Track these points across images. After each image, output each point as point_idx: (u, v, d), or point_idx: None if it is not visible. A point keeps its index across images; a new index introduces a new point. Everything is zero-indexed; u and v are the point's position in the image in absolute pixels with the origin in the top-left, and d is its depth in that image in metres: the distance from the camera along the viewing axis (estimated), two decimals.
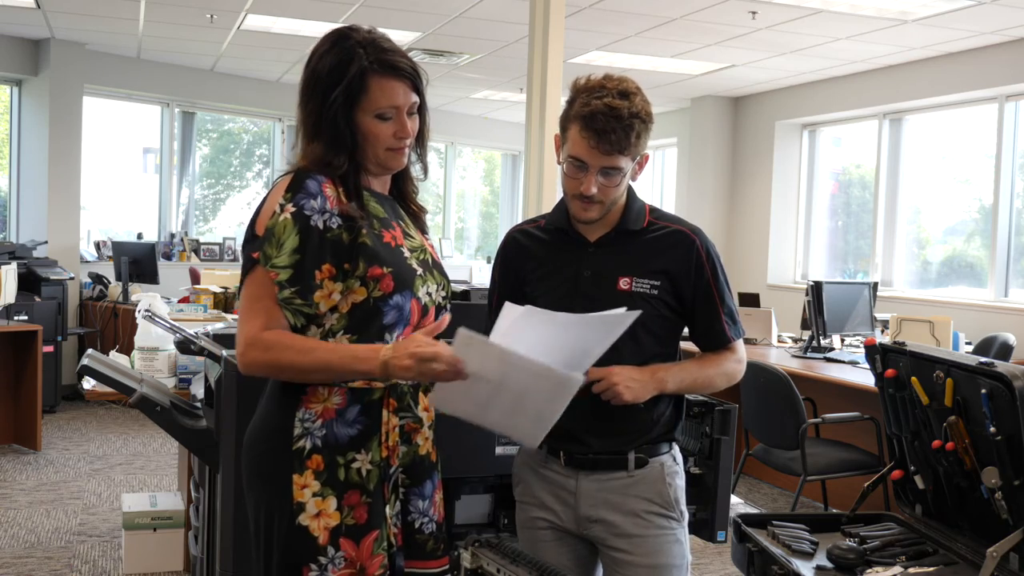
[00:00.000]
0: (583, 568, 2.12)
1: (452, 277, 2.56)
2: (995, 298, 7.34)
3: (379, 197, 1.87)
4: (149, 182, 9.68)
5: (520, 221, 2.32)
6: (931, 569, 1.80)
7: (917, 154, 8.41)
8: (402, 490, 1.85)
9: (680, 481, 2.09)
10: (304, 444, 1.75)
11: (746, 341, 3.22)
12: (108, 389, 3.20)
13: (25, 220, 8.40)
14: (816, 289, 5.70)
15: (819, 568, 1.80)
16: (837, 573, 1.78)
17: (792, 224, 9.50)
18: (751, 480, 5.90)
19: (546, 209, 6.31)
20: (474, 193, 12.86)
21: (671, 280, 2.02)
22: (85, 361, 3.05)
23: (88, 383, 3.65)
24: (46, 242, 7.90)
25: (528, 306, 1.72)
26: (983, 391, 1.69)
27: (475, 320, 2.65)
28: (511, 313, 1.69)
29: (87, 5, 7.02)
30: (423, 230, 1.96)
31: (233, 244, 9.69)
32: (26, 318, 6.62)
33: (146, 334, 3.97)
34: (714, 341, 2.07)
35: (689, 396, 2.26)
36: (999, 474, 1.68)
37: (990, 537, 1.69)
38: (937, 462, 1.88)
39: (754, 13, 6.45)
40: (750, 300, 6.97)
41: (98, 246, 9.00)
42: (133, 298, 7.22)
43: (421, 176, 1.96)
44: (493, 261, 2.30)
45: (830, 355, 5.60)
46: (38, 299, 7.16)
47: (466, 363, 1.64)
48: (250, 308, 1.73)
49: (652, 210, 2.09)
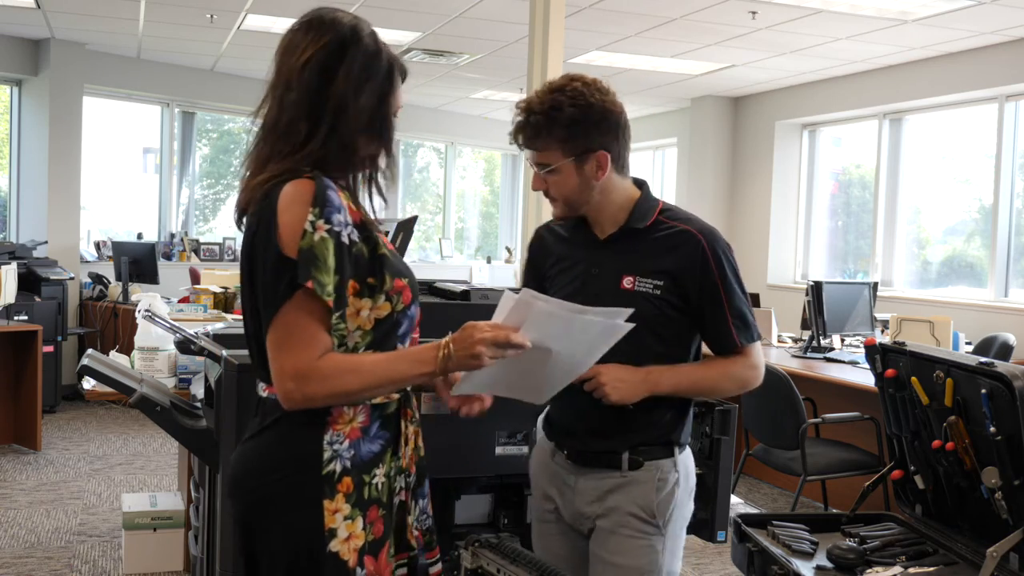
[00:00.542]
0: (583, 563, 2.12)
1: (452, 277, 2.57)
2: (995, 298, 7.34)
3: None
4: (149, 182, 9.68)
5: (520, 221, 2.35)
6: (931, 569, 1.80)
7: (917, 154, 8.41)
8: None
9: (678, 491, 2.03)
10: (334, 468, 1.67)
11: None
12: (108, 389, 3.20)
13: (25, 220, 8.41)
14: (816, 289, 5.70)
15: (819, 568, 1.80)
16: (837, 573, 1.78)
17: (792, 224, 9.50)
18: (751, 480, 5.90)
19: (545, 209, 6.31)
20: (474, 193, 12.87)
21: (675, 280, 1.99)
22: (85, 361, 3.04)
23: (88, 383, 3.64)
24: (46, 242, 7.90)
25: (524, 290, 1.70)
26: (983, 391, 1.69)
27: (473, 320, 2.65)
28: (509, 301, 1.69)
29: (87, 5, 7.02)
30: None
31: (233, 244, 9.69)
32: (26, 318, 6.62)
33: (146, 334, 3.97)
34: (722, 345, 2.03)
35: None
36: (999, 474, 1.68)
37: (990, 537, 1.69)
38: (937, 462, 1.88)
39: (754, 13, 6.45)
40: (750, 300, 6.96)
41: (98, 246, 9.00)
42: (133, 298, 7.22)
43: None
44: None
45: (830, 355, 5.60)
46: (38, 299, 7.16)
47: (527, 334, 1.65)
48: (294, 338, 1.59)
49: (665, 209, 2.07)
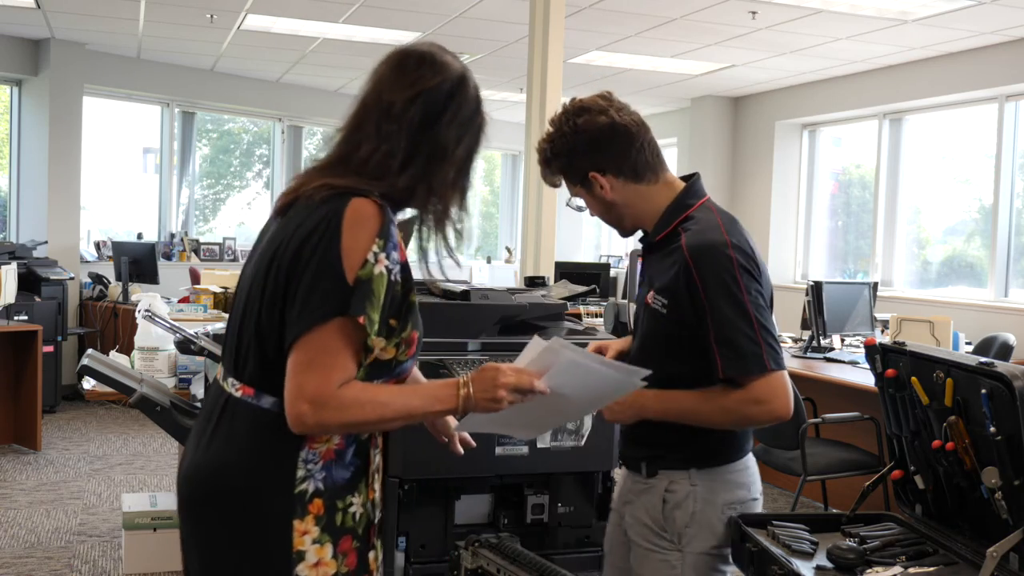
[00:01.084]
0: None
1: (452, 277, 2.57)
2: (995, 298, 7.34)
3: None
4: (149, 182, 9.68)
5: (520, 221, 2.36)
6: (931, 569, 1.80)
7: (917, 154, 8.41)
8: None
9: (696, 507, 1.95)
10: (307, 487, 1.62)
11: None
12: (108, 389, 3.20)
13: (25, 220, 8.41)
14: (816, 289, 5.70)
15: (819, 568, 1.80)
16: (837, 573, 1.78)
17: (792, 224, 9.50)
18: None
19: (545, 209, 6.29)
20: (474, 193, 12.85)
21: (673, 300, 1.92)
22: (85, 361, 3.05)
23: (88, 383, 3.65)
24: (46, 242, 7.90)
25: (555, 338, 1.69)
26: (983, 391, 1.69)
27: (473, 320, 2.65)
28: (537, 346, 1.70)
29: (87, 5, 7.02)
30: None
31: (233, 244, 9.69)
32: (26, 318, 6.62)
33: (146, 334, 3.98)
34: (713, 374, 1.86)
35: None
36: (999, 474, 1.68)
37: (990, 537, 1.69)
38: (937, 462, 1.88)
39: (754, 13, 6.45)
40: None
41: (98, 246, 9.00)
42: (133, 298, 7.22)
43: None
44: None
45: (830, 355, 5.60)
46: (38, 299, 7.16)
47: (548, 380, 1.67)
48: (324, 362, 1.54)
49: (689, 218, 1.96)
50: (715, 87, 9.37)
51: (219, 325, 4.01)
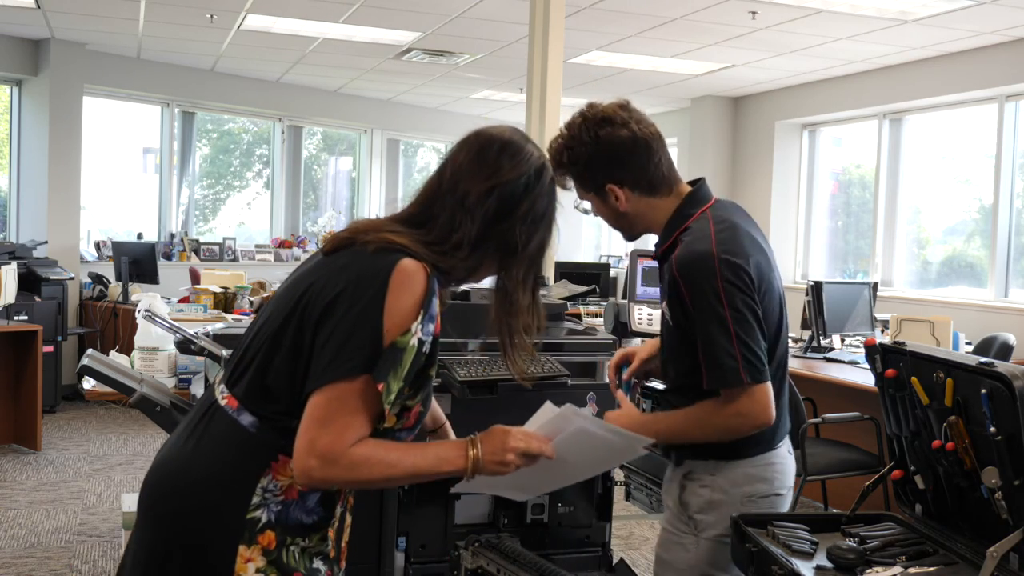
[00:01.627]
0: None
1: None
2: (995, 298, 7.34)
3: None
4: (149, 182, 9.68)
5: None
6: (931, 569, 1.80)
7: (917, 154, 8.41)
8: None
9: (714, 497, 2.00)
10: (260, 515, 1.58)
11: None
12: (108, 389, 3.20)
13: (25, 220, 8.41)
14: (816, 289, 5.70)
15: (819, 568, 1.80)
16: (837, 573, 1.77)
17: (792, 224, 9.50)
18: None
19: None
20: None
21: (672, 311, 1.97)
22: (85, 361, 3.05)
23: (88, 383, 3.65)
24: (46, 242, 7.90)
25: (567, 405, 1.71)
26: (983, 391, 1.69)
27: (473, 320, 2.65)
28: (548, 412, 1.73)
29: (87, 5, 7.02)
30: None
31: (233, 244, 9.69)
32: (26, 318, 6.62)
33: (146, 334, 3.98)
34: (696, 385, 1.91)
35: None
36: (999, 474, 1.68)
37: (990, 537, 1.69)
38: (937, 462, 1.88)
39: (754, 13, 6.45)
40: None
41: (98, 246, 9.00)
42: (133, 298, 7.22)
43: None
44: None
45: (830, 355, 5.60)
46: (38, 299, 7.16)
47: (556, 446, 1.69)
48: (339, 419, 1.51)
49: (687, 229, 1.98)
50: (715, 87, 9.37)
51: (219, 325, 4.01)
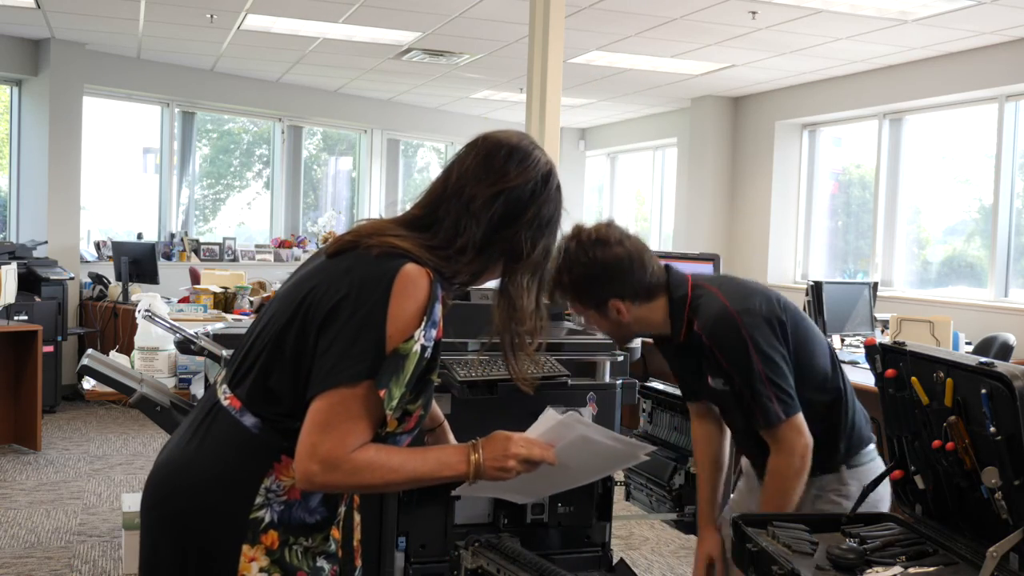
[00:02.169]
0: None
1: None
2: (995, 298, 7.34)
3: None
4: (149, 182, 9.68)
5: None
6: (931, 569, 1.80)
7: (917, 154, 8.40)
8: None
9: (842, 503, 2.21)
10: (263, 515, 1.59)
11: None
12: (108, 389, 3.20)
13: (25, 220, 8.40)
14: (816, 289, 5.70)
15: (819, 568, 1.79)
16: (837, 573, 1.77)
17: (792, 224, 9.50)
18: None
19: None
20: None
21: (719, 377, 2.20)
22: (85, 361, 3.05)
23: (88, 383, 3.65)
24: (46, 242, 7.90)
25: (570, 413, 1.77)
26: (983, 391, 1.69)
27: (473, 320, 2.65)
28: (550, 419, 1.75)
29: (87, 5, 7.02)
30: None
31: (233, 244, 9.69)
32: (26, 318, 6.62)
33: (146, 334, 3.98)
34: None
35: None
36: (999, 474, 1.68)
37: (990, 537, 1.69)
38: (937, 462, 1.88)
39: (754, 13, 6.45)
40: None
41: (98, 246, 9.00)
42: (133, 298, 7.22)
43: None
44: None
45: None
46: (38, 299, 7.16)
47: (556, 452, 1.70)
48: (341, 424, 1.51)
49: (693, 307, 2.19)
50: (715, 87, 9.37)
51: (219, 325, 4.01)
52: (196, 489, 1.61)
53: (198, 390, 3.66)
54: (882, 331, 5.99)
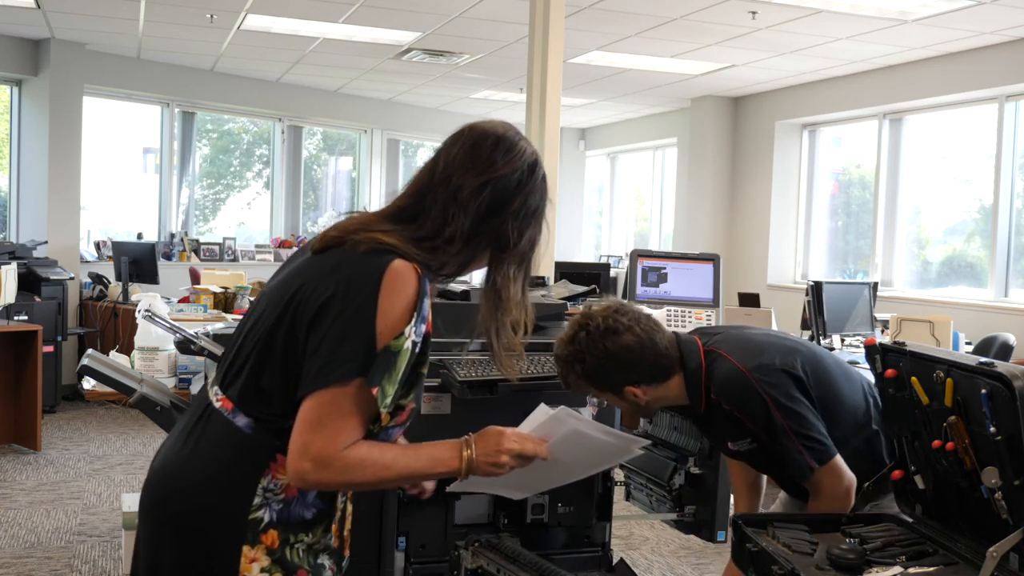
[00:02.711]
0: None
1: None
2: (995, 298, 7.34)
3: None
4: (149, 182, 9.68)
5: None
6: (931, 569, 1.80)
7: (917, 154, 8.40)
8: None
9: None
10: (262, 515, 1.59)
11: None
12: (108, 389, 3.20)
13: (25, 220, 8.40)
14: (816, 289, 5.70)
15: (819, 568, 1.79)
16: (837, 573, 1.77)
17: (792, 224, 9.50)
18: None
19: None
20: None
21: (745, 438, 2.20)
22: (85, 361, 3.05)
23: (88, 383, 3.65)
24: (46, 242, 7.90)
25: (561, 408, 1.75)
26: (983, 391, 1.69)
27: (473, 320, 2.64)
28: (542, 414, 1.75)
29: (87, 5, 7.02)
30: None
31: (233, 244, 9.69)
32: (26, 318, 6.62)
33: (146, 334, 3.98)
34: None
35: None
36: (999, 474, 1.68)
37: (990, 537, 1.69)
38: (937, 462, 1.88)
39: (754, 13, 6.45)
40: (750, 300, 6.97)
41: (98, 246, 9.00)
42: (133, 298, 7.22)
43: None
44: None
45: None
46: (38, 299, 7.16)
47: (551, 447, 1.70)
48: (332, 423, 1.51)
49: (708, 375, 2.17)
50: (715, 87, 9.37)
51: (219, 325, 4.01)
52: (193, 492, 1.61)
53: (198, 390, 3.66)
54: (882, 331, 5.99)
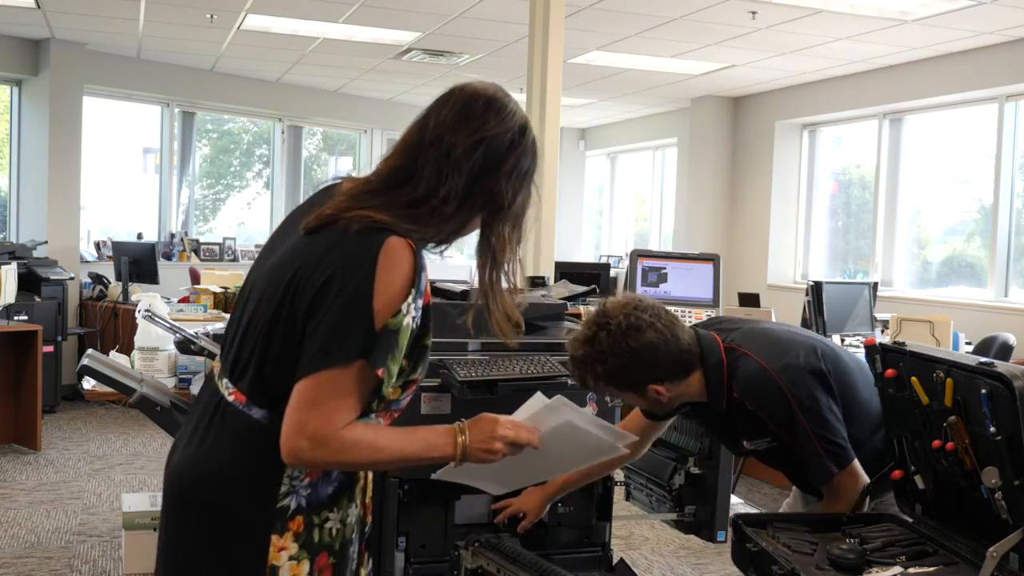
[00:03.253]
0: None
1: (452, 277, 2.55)
2: (995, 298, 7.34)
3: None
4: (149, 182, 9.68)
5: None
6: (931, 569, 1.80)
7: (917, 154, 8.40)
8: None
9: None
10: (289, 503, 1.60)
11: None
12: (108, 389, 3.20)
13: (25, 220, 8.40)
14: (816, 289, 5.70)
15: (819, 568, 1.80)
16: (837, 573, 1.77)
17: (792, 224, 9.50)
18: (751, 480, 5.90)
19: (545, 209, 6.35)
20: None
21: (765, 436, 2.17)
22: (85, 361, 3.05)
23: (88, 383, 3.65)
24: (46, 242, 7.90)
25: (558, 397, 1.73)
26: (983, 391, 1.69)
27: (472, 320, 2.64)
28: (538, 402, 1.73)
29: (87, 5, 7.02)
30: None
31: (233, 244, 9.69)
32: (26, 318, 6.62)
33: (146, 334, 3.98)
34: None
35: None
36: (999, 474, 1.68)
37: (990, 537, 1.69)
38: (937, 462, 1.88)
39: (754, 13, 6.45)
40: (750, 300, 6.97)
41: (98, 246, 9.00)
42: (133, 298, 7.22)
43: None
44: None
45: None
46: (38, 299, 7.16)
47: (540, 437, 1.69)
48: (330, 401, 1.51)
49: (731, 374, 2.14)
50: (715, 87, 9.37)
51: (219, 325, 4.01)
52: (219, 487, 1.61)
53: (198, 390, 3.66)
54: (882, 331, 5.99)
